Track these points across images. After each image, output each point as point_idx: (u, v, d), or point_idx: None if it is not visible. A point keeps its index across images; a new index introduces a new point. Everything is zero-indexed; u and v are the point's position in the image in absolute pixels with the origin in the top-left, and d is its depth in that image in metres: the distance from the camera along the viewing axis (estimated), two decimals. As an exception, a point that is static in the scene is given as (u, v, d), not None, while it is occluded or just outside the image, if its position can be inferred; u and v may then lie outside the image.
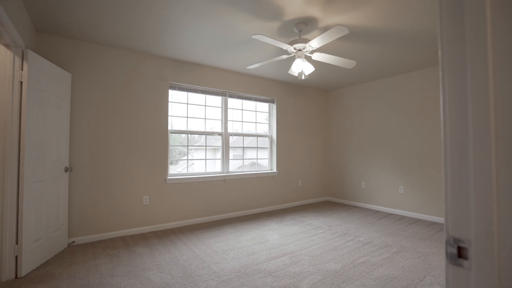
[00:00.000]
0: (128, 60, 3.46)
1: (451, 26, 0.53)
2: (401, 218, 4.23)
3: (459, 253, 0.51)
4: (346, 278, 2.25)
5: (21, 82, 2.32)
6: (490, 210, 0.46)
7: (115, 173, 3.34)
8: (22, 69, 2.32)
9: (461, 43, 0.51)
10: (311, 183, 5.50)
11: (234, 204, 4.36)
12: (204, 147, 4.28)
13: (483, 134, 0.47)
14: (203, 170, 4.22)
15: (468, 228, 0.49)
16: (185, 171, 4.17)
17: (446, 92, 0.54)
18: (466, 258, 0.49)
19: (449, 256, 0.52)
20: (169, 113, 3.84)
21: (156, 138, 3.66)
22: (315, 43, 2.54)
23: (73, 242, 3.06)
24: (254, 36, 2.36)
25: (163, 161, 3.71)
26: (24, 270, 2.30)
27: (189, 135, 4.09)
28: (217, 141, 4.41)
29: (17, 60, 2.28)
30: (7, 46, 2.23)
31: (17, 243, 2.27)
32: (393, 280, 2.22)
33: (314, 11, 2.49)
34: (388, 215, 4.42)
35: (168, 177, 3.74)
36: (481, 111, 0.48)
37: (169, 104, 3.84)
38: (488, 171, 0.47)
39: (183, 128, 4.05)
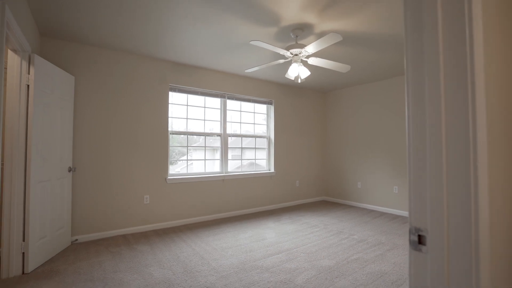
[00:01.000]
0: (129, 62, 3.55)
1: (413, 48, 0.63)
2: (395, 217, 4.34)
3: (419, 240, 0.61)
4: (339, 274, 2.36)
5: (28, 86, 2.41)
6: (441, 204, 0.57)
7: (117, 173, 3.44)
8: (28, 73, 2.40)
9: (420, 60, 0.62)
10: (308, 183, 5.61)
11: (233, 203, 4.47)
12: (203, 148, 4.38)
13: (437, 145, 0.58)
14: (202, 170, 4.32)
15: (426, 219, 0.60)
16: (184, 171, 4.26)
17: (410, 101, 0.64)
18: (424, 244, 0.60)
19: (411, 243, 0.62)
20: (169, 115, 3.94)
21: (156, 139, 3.76)
22: (310, 48, 2.64)
23: (76, 240, 3.15)
24: (252, 42, 2.46)
25: (163, 161, 3.81)
26: (31, 266, 2.40)
27: (188, 135, 4.19)
28: (216, 142, 4.50)
29: (24, 64, 2.37)
30: (14, 51, 2.32)
31: (24, 241, 2.36)
32: (384, 275, 2.33)
33: (310, 18, 2.59)
34: (382, 214, 4.54)
35: (168, 177, 3.84)
36: (435, 117, 0.59)
37: (169, 105, 3.93)
38: (440, 174, 0.57)
39: (183, 129, 4.14)
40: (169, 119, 3.94)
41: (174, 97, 4.03)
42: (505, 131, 0.69)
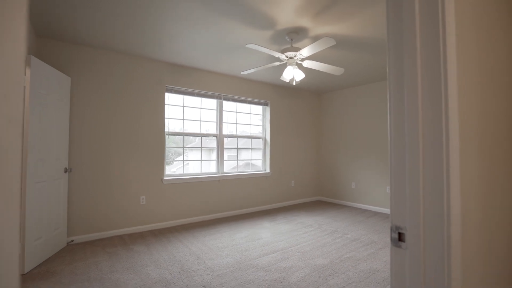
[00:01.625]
0: (126, 63, 3.57)
1: (395, 63, 0.69)
2: (388, 216, 4.43)
3: (399, 237, 0.66)
4: (332, 272, 2.42)
5: (24, 87, 2.41)
6: (418, 204, 0.62)
7: (113, 173, 3.45)
8: (25, 74, 2.41)
9: (400, 75, 0.67)
10: (303, 183, 5.68)
11: (229, 203, 4.51)
12: (200, 148, 4.42)
13: (414, 149, 0.63)
14: (198, 171, 4.35)
15: (405, 218, 0.65)
16: (180, 171, 4.29)
17: (392, 110, 0.70)
18: (404, 241, 0.65)
19: (392, 240, 0.68)
20: (166, 115, 3.96)
21: (153, 140, 3.78)
22: (305, 51, 2.70)
23: (72, 241, 3.16)
24: (248, 46, 2.51)
25: (159, 162, 3.83)
26: (27, 267, 2.41)
27: (184, 136, 4.22)
28: (212, 142, 4.54)
29: (21, 66, 2.38)
30: (11, 52, 2.33)
31: (20, 241, 2.37)
32: (375, 272, 2.40)
33: (304, 22, 2.65)
34: (376, 213, 4.62)
35: (165, 178, 3.86)
36: (413, 126, 0.64)
37: (166, 106, 3.96)
38: (417, 176, 0.63)
39: (179, 130, 4.17)
40: (166, 120, 3.96)
41: (171, 98, 4.06)
42: (477, 138, 0.75)
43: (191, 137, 4.40)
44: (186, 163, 4.58)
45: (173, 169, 4.37)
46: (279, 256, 2.79)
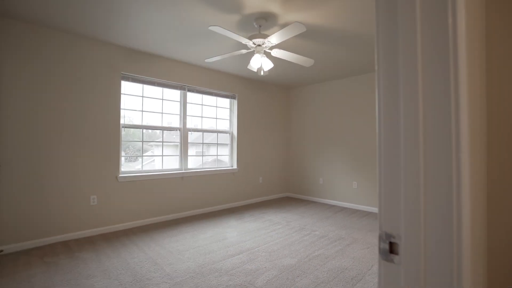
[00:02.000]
0: (73, 45, 3.10)
1: (386, 52, 0.52)
2: (355, 211, 4.49)
3: (390, 249, 0.50)
4: (300, 272, 2.30)
5: None
6: (418, 207, 0.46)
7: (55, 170, 2.99)
8: None
9: (394, 53, 0.51)
10: (272, 179, 5.57)
11: (193, 202, 4.23)
12: (161, 143, 4.07)
13: (413, 138, 0.47)
14: (160, 167, 4.01)
15: (399, 224, 0.49)
16: (144, 168, 3.91)
17: (381, 101, 0.53)
18: (396, 253, 0.49)
19: (381, 252, 0.51)
20: (122, 106, 3.55)
21: (105, 132, 3.36)
22: (274, 39, 2.53)
23: (1, 251, 2.67)
24: (211, 28, 2.27)
25: (114, 158, 3.43)
26: None
27: (150, 130, 3.84)
28: (177, 137, 4.21)
29: None
30: None
31: None
32: (344, 271, 2.33)
33: (273, 7, 2.47)
34: (343, 209, 4.66)
35: (120, 175, 3.47)
36: (412, 118, 0.48)
37: (122, 96, 3.55)
38: (417, 171, 0.47)
39: (138, 123, 3.79)
40: (122, 111, 3.55)
41: (128, 87, 3.65)
42: (487, 131, 0.61)
43: (157, 132, 4.04)
44: (152, 160, 4.21)
45: (137, 166, 3.96)
46: (245, 257, 2.61)
